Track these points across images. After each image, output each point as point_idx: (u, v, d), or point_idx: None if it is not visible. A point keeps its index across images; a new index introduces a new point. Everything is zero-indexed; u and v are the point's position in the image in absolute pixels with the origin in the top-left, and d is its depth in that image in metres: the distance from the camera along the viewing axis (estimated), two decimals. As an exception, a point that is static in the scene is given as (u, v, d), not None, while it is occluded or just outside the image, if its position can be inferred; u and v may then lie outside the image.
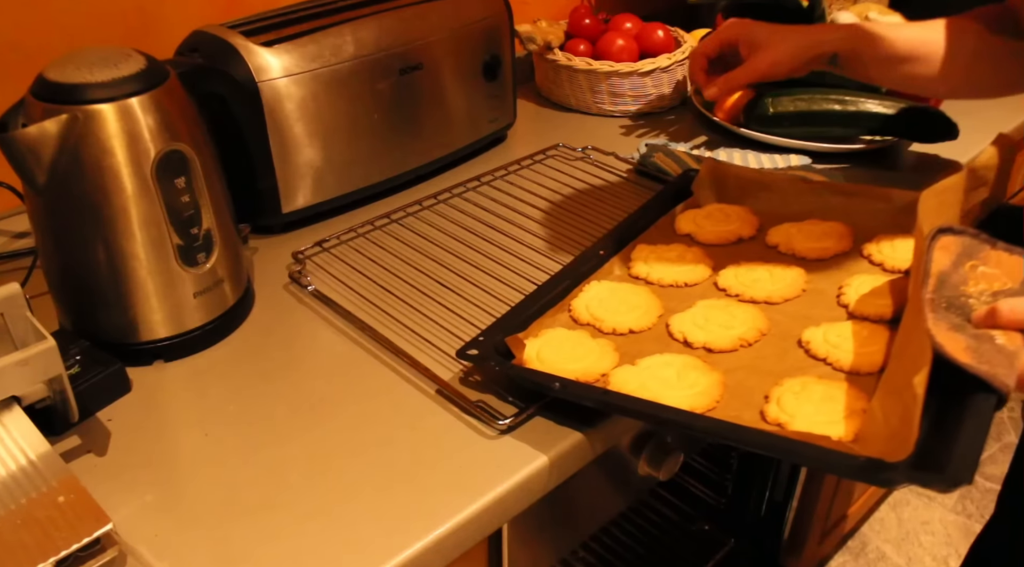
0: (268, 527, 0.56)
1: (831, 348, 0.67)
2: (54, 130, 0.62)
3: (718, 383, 0.64)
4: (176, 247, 0.69)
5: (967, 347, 0.56)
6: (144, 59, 0.67)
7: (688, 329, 0.70)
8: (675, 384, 0.63)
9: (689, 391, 0.62)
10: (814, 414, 0.60)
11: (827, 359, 0.66)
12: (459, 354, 0.66)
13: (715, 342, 0.68)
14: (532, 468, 0.60)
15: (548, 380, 0.63)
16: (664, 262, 0.78)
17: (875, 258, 0.78)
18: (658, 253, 0.80)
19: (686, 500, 1.34)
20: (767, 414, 0.61)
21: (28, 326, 0.61)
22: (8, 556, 0.50)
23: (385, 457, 0.61)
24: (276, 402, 0.67)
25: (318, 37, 0.84)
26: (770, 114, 1.03)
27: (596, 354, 0.67)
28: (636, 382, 0.64)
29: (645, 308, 0.73)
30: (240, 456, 0.62)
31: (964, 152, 1.04)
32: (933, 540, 1.62)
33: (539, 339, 0.69)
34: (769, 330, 0.70)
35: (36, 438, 0.57)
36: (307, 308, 0.78)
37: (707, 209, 0.87)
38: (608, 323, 0.71)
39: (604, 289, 0.75)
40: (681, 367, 0.65)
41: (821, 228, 0.82)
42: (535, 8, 1.28)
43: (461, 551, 0.58)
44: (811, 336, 0.68)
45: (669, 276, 0.77)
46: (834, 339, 0.67)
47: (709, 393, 0.63)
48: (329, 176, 0.88)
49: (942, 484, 0.49)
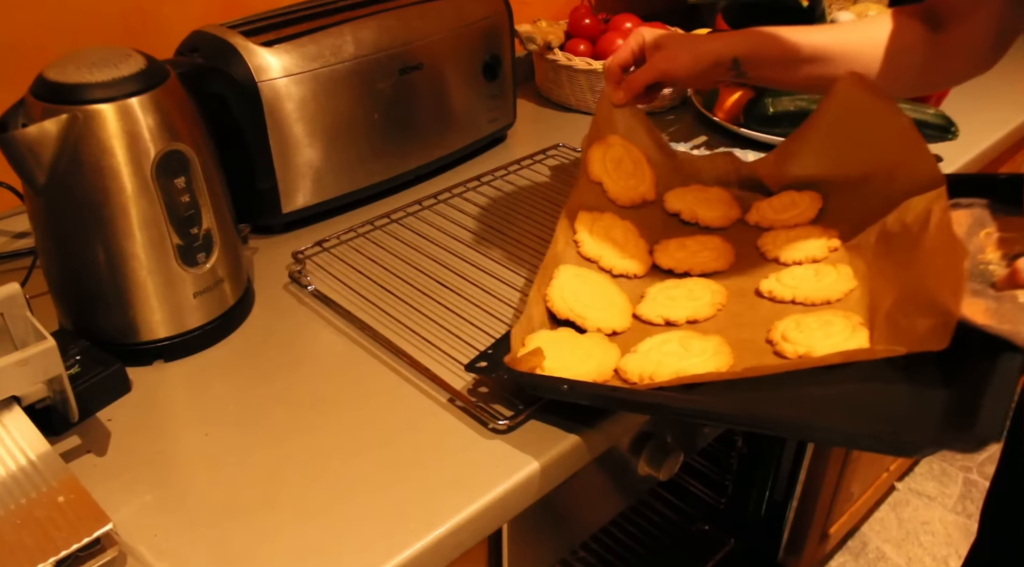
0: (268, 527, 0.56)
1: (792, 290, 0.71)
2: (54, 130, 0.62)
3: (723, 343, 0.66)
4: (176, 247, 0.69)
5: (987, 310, 0.57)
6: (144, 59, 0.67)
7: (664, 311, 0.72)
8: (687, 355, 0.64)
9: (703, 357, 0.64)
10: (825, 338, 0.62)
11: (795, 299, 0.70)
12: (468, 368, 0.64)
13: (695, 313, 0.71)
14: (532, 468, 0.60)
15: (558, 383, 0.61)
16: (609, 243, 0.79)
17: (763, 224, 0.83)
18: (600, 230, 0.80)
19: (686, 500, 1.34)
20: (785, 352, 0.63)
21: (28, 326, 0.61)
22: (8, 556, 0.50)
23: (385, 457, 0.61)
24: (276, 402, 0.67)
25: (318, 37, 0.84)
26: (770, 114, 1.03)
27: (600, 350, 0.67)
28: (652, 365, 0.63)
29: (620, 308, 0.73)
30: (240, 456, 0.62)
31: (964, 152, 1.04)
32: (933, 540, 1.62)
33: (536, 336, 0.67)
34: (726, 293, 0.74)
35: (36, 438, 0.57)
36: (307, 308, 0.78)
37: (613, 148, 0.86)
38: (592, 321, 0.70)
39: (571, 277, 0.74)
40: (679, 340, 0.66)
41: (707, 194, 0.86)
42: (535, 8, 1.28)
43: (461, 551, 0.58)
44: (769, 286, 0.73)
45: (620, 266, 0.78)
46: (790, 282, 0.72)
47: (721, 352, 0.64)
48: (329, 176, 0.88)
49: (969, 443, 0.48)
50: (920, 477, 1.77)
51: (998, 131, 1.10)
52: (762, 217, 0.83)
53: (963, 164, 1.03)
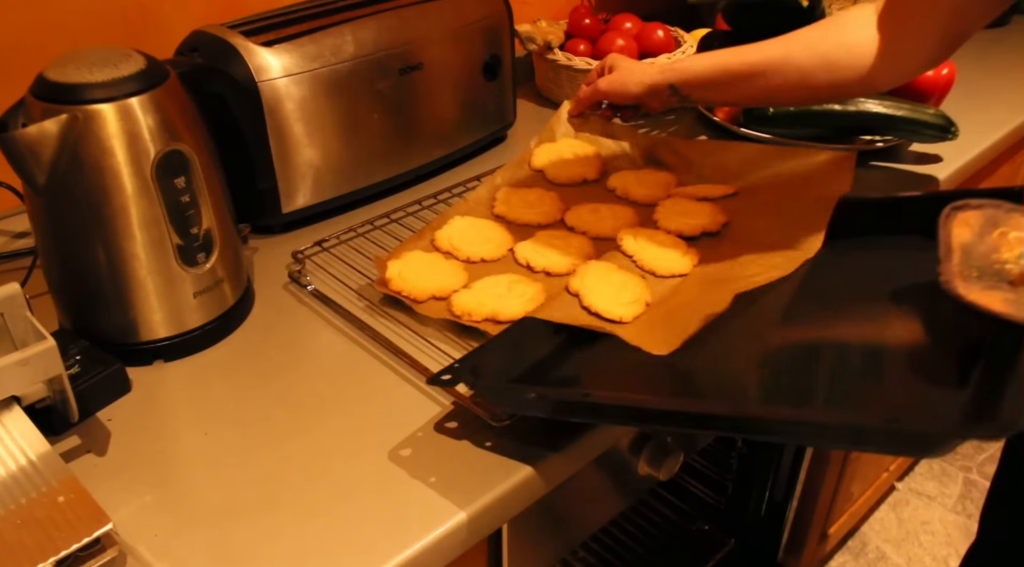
0: (268, 527, 0.56)
1: (638, 248, 0.79)
2: (54, 130, 0.62)
3: (541, 291, 0.74)
4: (176, 247, 0.69)
5: (1005, 299, 0.57)
6: (144, 59, 0.67)
7: (531, 256, 0.80)
8: (507, 296, 0.73)
9: (519, 300, 0.73)
10: (608, 294, 0.72)
11: (634, 257, 0.79)
12: (431, 381, 0.62)
13: (553, 266, 0.79)
14: (532, 468, 0.60)
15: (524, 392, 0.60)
16: (523, 204, 0.88)
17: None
18: (520, 195, 0.90)
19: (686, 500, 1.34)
20: (570, 285, 0.73)
21: (28, 326, 0.61)
22: (8, 556, 0.50)
23: (385, 457, 0.61)
24: (276, 402, 0.67)
25: (318, 37, 0.84)
26: (770, 114, 1.03)
27: (449, 274, 0.77)
28: (475, 301, 0.72)
29: (499, 241, 0.82)
30: (240, 456, 0.62)
31: (964, 152, 1.04)
32: (933, 540, 1.62)
33: (401, 261, 0.78)
34: (596, 256, 0.80)
35: (36, 438, 0.57)
36: (307, 308, 0.78)
37: (560, 144, 0.99)
38: (463, 252, 0.80)
39: (466, 224, 0.85)
40: (509, 282, 0.75)
41: (654, 178, 0.93)
42: (535, 8, 1.28)
43: (461, 551, 0.58)
44: (624, 235, 0.81)
45: (525, 216, 0.87)
46: (643, 242, 0.80)
47: (536, 299, 0.73)
48: (329, 176, 0.88)
49: (994, 431, 0.48)
50: (920, 477, 1.77)
51: (998, 131, 1.10)
52: (683, 192, 0.90)
53: (963, 164, 1.03)
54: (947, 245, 0.64)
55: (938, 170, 1.01)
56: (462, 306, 0.72)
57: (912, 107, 1.00)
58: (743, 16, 1.10)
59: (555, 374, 0.66)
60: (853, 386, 0.61)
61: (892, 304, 0.70)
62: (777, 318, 0.72)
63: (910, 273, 0.73)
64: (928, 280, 0.67)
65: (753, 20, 1.09)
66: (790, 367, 0.65)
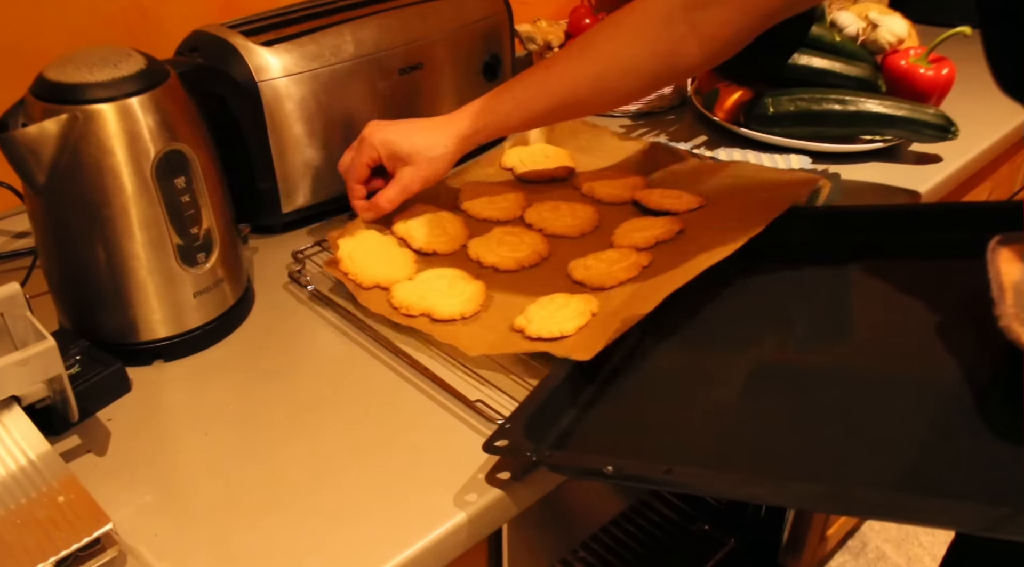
0: (268, 527, 0.56)
1: (585, 271, 0.77)
2: (54, 130, 0.62)
3: (481, 291, 0.74)
4: (176, 247, 0.69)
5: None
6: (144, 59, 0.67)
7: (482, 252, 0.80)
8: (447, 293, 0.73)
9: (458, 298, 0.72)
10: (547, 318, 0.69)
11: (584, 282, 0.76)
12: (487, 448, 0.57)
13: (501, 263, 0.79)
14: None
15: (599, 464, 0.54)
16: (486, 200, 0.89)
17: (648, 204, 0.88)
18: (484, 191, 0.91)
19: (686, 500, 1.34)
20: (515, 323, 0.70)
21: (28, 326, 0.61)
22: (8, 556, 0.50)
23: (385, 457, 0.61)
24: (276, 402, 0.67)
25: (318, 37, 0.84)
26: (770, 114, 1.03)
27: (399, 264, 0.77)
28: (415, 295, 0.73)
29: (454, 235, 0.83)
30: (240, 456, 0.62)
31: (964, 152, 1.04)
32: (933, 540, 1.62)
33: (354, 239, 0.79)
34: (550, 256, 0.81)
35: (36, 438, 0.57)
36: (307, 308, 0.78)
37: (532, 147, 0.99)
38: (417, 242, 0.81)
39: (427, 213, 0.85)
40: (451, 279, 0.75)
41: (622, 178, 0.93)
42: (535, 8, 1.28)
43: (461, 551, 0.58)
44: (574, 264, 0.78)
45: (486, 212, 0.87)
46: (591, 263, 0.78)
47: (475, 299, 0.73)
48: (329, 176, 0.88)
49: None
50: (920, 477, 1.77)
51: (998, 131, 1.09)
52: (648, 198, 0.88)
53: (963, 164, 1.03)
54: (999, 284, 0.59)
55: (938, 170, 1.01)
56: (400, 299, 0.73)
57: (912, 107, 1.00)
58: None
59: (608, 429, 0.62)
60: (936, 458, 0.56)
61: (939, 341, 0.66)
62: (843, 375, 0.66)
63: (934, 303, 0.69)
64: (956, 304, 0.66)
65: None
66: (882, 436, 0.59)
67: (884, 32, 1.10)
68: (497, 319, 0.72)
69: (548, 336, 0.67)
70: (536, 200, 0.89)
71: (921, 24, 1.18)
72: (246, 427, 0.64)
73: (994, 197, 1.30)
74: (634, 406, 0.65)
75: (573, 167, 0.96)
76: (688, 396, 0.66)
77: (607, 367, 0.67)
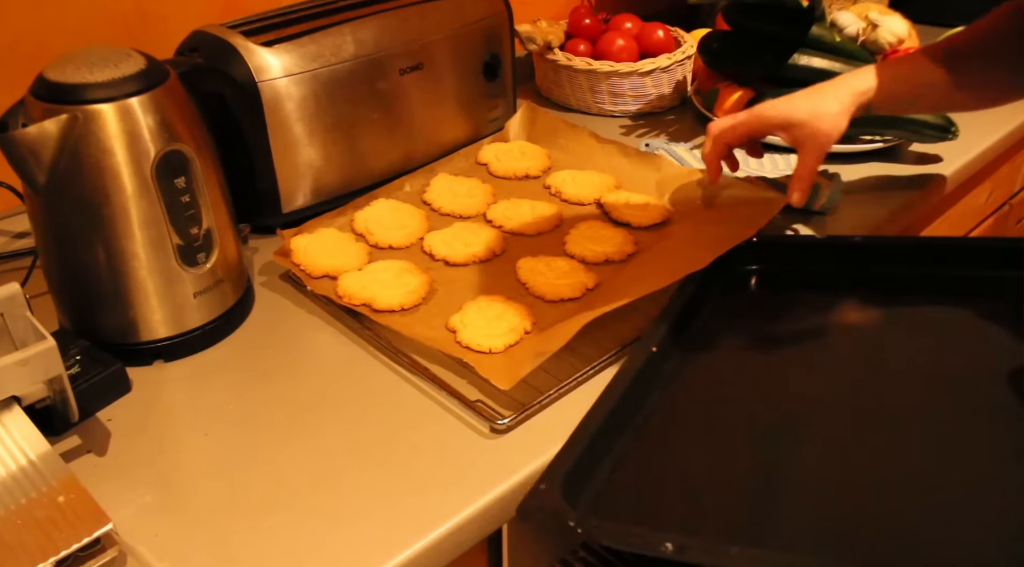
0: (268, 527, 0.56)
1: (531, 274, 0.77)
2: (54, 130, 0.62)
3: (425, 283, 0.76)
4: (176, 247, 0.69)
5: None
6: (144, 59, 0.67)
7: (436, 245, 0.82)
8: (391, 284, 0.75)
9: (403, 290, 0.74)
10: (484, 327, 0.70)
11: (527, 285, 0.77)
12: (521, 513, 0.54)
13: (451, 256, 0.80)
14: (532, 468, 0.60)
15: (654, 541, 0.49)
16: (452, 194, 0.90)
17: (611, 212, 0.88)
18: (452, 185, 0.91)
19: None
20: (449, 323, 0.71)
21: (28, 326, 0.61)
22: (8, 556, 0.50)
23: (385, 457, 0.61)
24: (276, 402, 0.67)
25: (318, 37, 0.84)
26: (770, 114, 1.03)
27: (350, 255, 0.79)
28: (359, 284, 0.75)
29: (412, 229, 0.84)
30: (240, 456, 0.62)
31: (964, 152, 1.04)
32: None
33: (312, 235, 0.81)
34: (503, 252, 0.82)
35: (36, 438, 0.57)
36: (307, 308, 0.78)
37: (510, 144, 1.00)
38: (374, 237, 0.83)
39: (388, 207, 0.87)
40: (398, 270, 0.77)
41: (592, 179, 0.93)
42: (535, 8, 1.28)
43: (461, 551, 0.58)
44: (522, 263, 0.79)
45: (449, 206, 0.88)
46: (541, 268, 0.78)
47: (417, 292, 0.74)
48: (329, 176, 0.88)
49: None
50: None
51: (998, 131, 1.09)
52: (612, 205, 0.88)
53: (963, 164, 1.03)
54: None
55: (938, 170, 1.01)
56: (344, 288, 0.74)
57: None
58: (743, 16, 1.10)
59: (648, 487, 0.58)
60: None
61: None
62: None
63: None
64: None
65: (753, 20, 1.09)
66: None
67: (884, 32, 1.10)
68: (435, 313, 0.73)
69: (476, 348, 0.68)
70: (503, 197, 0.90)
71: (921, 24, 1.18)
72: (246, 427, 0.64)
73: (994, 197, 1.30)
74: (671, 458, 0.60)
75: (549, 165, 0.97)
76: (730, 448, 0.60)
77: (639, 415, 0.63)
